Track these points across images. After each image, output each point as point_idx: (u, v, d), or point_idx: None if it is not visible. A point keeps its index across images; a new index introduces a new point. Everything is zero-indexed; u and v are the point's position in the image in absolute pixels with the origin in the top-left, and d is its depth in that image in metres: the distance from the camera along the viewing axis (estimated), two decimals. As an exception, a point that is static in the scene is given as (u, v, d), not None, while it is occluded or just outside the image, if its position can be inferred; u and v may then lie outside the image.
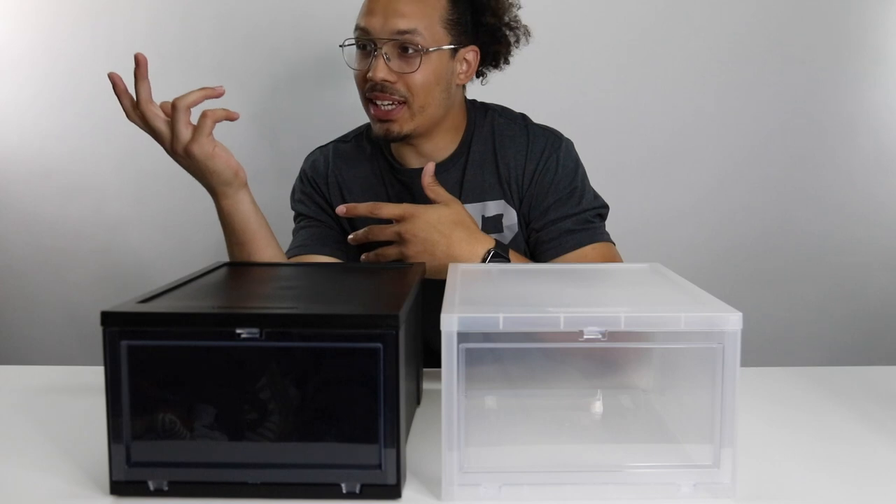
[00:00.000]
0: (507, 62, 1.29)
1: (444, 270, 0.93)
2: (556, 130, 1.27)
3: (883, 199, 1.92)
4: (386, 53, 1.14)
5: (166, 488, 0.68)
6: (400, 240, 1.05)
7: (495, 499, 0.69)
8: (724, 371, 0.67)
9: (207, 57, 1.82)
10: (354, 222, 1.25)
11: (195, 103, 1.01)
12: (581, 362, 0.87)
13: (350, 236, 1.10)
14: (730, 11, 1.84)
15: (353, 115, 1.82)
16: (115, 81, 1.01)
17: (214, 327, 0.68)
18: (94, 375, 0.72)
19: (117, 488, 0.69)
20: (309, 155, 1.36)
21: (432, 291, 0.90)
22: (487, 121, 1.26)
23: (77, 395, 0.97)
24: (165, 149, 1.04)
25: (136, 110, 1.02)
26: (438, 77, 1.17)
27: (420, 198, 1.24)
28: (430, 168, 1.09)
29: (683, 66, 1.85)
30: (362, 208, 1.07)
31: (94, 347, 0.69)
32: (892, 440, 0.83)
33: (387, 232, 1.06)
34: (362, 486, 0.68)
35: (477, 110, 1.28)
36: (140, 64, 1.00)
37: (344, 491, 0.68)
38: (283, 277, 0.90)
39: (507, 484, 0.69)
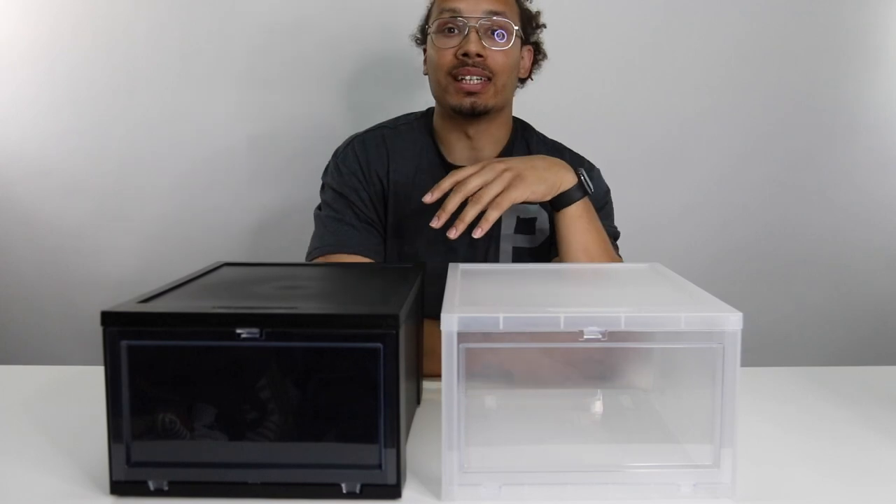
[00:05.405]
0: (531, 78, 1.34)
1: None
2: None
3: (883, 198, 1.92)
4: (478, 31, 1.19)
5: (166, 488, 0.68)
6: (498, 175, 1.03)
7: (495, 499, 0.69)
8: (724, 371, 0.67)
9: (208, 57, 1.82)
10: (399, 223, 1.27)
11: None
12: (581, 362, 0.87)
13: (434, 213, 1.03)
14: (729, 11, 1.83)
15: (356, 116, 1.83)
16: None
17: (214, 327, 0.68)
18: (94, 375, 0.72)
19: (117, 488, 0.69)
20: (356, 142, 1.30)
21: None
22: (526, 136, 1.33)
23: (77, 395, 0.97)
24: None
25: None
26: (515, 61, 1.24)
27: None
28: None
29: (683, 66, 1.85)
30: (446, 184, 1.04)
31: (94, 347, 0.69)
32: (892, 440, 0.83)
33: (472, 183, 1.02)
34: (362, 486, 0.68)
35: (517, 124, 1.34)
36: None
37: (344, 491, 0.68)
38: (283, 277, 0.90)
39: (507, 484, 0.69)
